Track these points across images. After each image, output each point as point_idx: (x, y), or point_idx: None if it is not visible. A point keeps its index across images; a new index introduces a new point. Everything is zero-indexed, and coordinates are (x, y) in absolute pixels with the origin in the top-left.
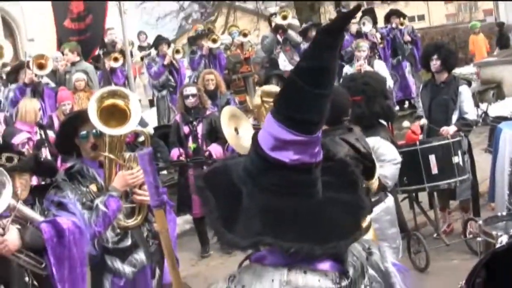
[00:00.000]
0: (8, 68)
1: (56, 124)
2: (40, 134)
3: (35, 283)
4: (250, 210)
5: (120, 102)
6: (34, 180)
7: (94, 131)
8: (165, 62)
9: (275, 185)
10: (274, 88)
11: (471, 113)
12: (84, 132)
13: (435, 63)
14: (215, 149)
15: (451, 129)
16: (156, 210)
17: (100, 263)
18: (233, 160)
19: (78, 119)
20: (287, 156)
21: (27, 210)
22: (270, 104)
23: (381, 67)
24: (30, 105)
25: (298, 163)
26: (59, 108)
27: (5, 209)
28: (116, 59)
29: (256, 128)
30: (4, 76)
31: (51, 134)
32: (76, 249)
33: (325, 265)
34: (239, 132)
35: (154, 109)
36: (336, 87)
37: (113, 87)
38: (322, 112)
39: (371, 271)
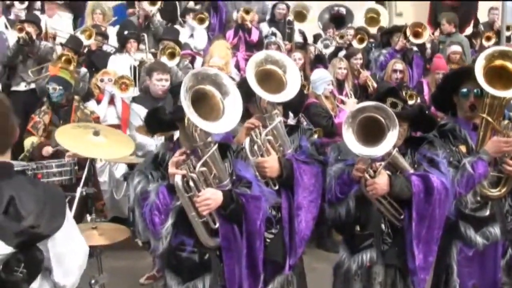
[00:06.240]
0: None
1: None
2: None
3: (390, 232)
4: None
5: (509, 65)
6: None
7: (475, 90)
8: None
9: None
10: None
11: None
12: (465, 90)
13: None
14: None
15: None
16: None
17: (452, 227)
18: None
19: (462, 75)
20: None
21: (400, 159)
22: None
23: None
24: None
25: None
26: (432, 76)
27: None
28: (488, 38)
29: None
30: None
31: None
32: (439, 210)
33: None
34: None
35: None
36: None
37: (503, 48)
38: None
39: None
